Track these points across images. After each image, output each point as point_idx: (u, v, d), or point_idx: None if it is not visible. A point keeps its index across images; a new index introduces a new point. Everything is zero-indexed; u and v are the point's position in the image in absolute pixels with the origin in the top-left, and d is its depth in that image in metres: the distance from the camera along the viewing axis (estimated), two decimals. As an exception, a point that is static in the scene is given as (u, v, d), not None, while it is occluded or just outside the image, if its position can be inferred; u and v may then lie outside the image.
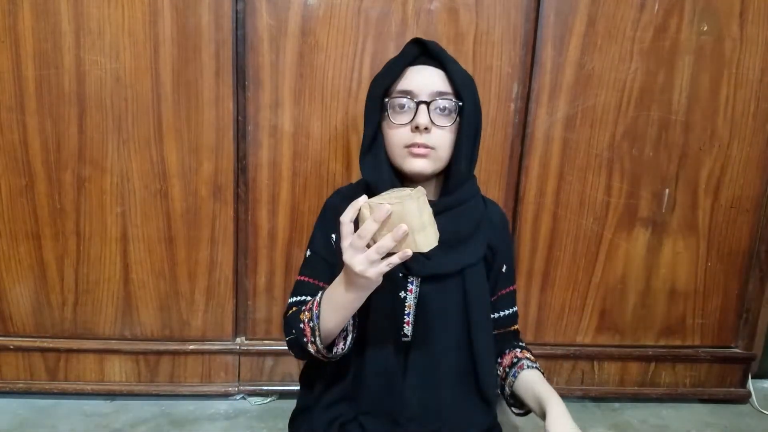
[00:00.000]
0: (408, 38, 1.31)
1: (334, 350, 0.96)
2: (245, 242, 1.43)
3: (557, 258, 1.48)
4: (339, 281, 0.90)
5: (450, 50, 1.32)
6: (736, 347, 1.60)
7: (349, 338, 0.96)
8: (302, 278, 1.05)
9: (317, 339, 0.92)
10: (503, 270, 1.06)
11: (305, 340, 0.94)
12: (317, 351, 0.94)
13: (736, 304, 1.56)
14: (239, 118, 1.36)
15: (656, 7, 1.36)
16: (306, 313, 0.94)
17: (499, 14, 1.34)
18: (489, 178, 1.43)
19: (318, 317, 0.92)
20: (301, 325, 0.94)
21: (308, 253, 1.07)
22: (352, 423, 1.03)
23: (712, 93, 1.42)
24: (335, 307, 0.90)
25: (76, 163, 1.34)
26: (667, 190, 1.47)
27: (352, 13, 1.31)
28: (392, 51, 1.33)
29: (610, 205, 1.46)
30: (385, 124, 0.98)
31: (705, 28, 1.38)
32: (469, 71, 1.00)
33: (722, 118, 1.43)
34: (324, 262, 1.04)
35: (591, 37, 1.36)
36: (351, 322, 0.96)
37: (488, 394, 1.04)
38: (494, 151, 1.41)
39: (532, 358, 1.07)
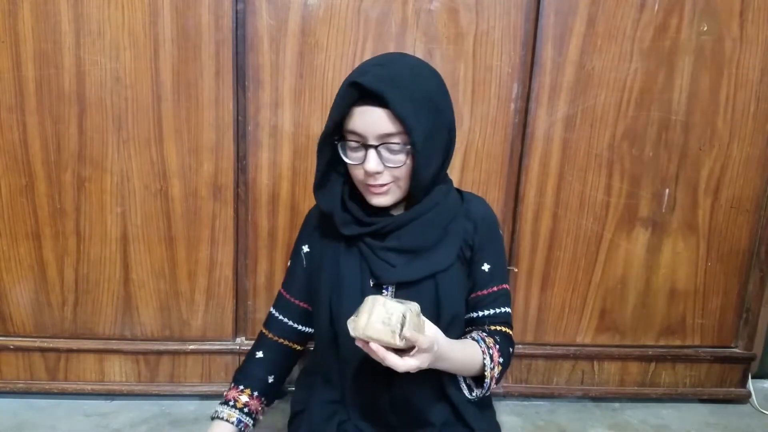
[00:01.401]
0: (408, 38, 1.33)
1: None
2: (245, 242, 1.43)
3: (557, 258, 1.48)
4: None
5: (450, 50, 1.33)
6: (736, 347, 1.60)
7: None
8: (282, 290, 1.13)
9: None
10: (484, 269, 1.03)
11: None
12: None
13: (736, 304, 1.56)
14: (239, 118, 1.36)
15: (656, 7, 1.36)
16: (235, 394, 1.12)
17: (499, 14, 1.34)
18: (489, 178, 1.43)
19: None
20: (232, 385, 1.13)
21: (289, 263, 1.14)
22: (349, 422, 1.03)
23: (712, 93, 1.41)
24: None
25: (76, 163, 1.34)
26: (667, 190, 1.47)
27: (352, 13, 1.31)
28: (392, 51, 1.32)
29: (610, 205, 1.46)
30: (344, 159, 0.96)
31: (705, 28, 1.38)
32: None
33: (722, 118, 1.43)
34: (295, 273, 1.11)
35: (591, 37, 1.36)
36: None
37: (453, 397, 1.02)
38: (494, 151, 1.41)
39: (489, 339, 0.99)
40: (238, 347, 1.48)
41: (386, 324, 0.79)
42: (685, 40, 1.38)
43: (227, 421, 1.08)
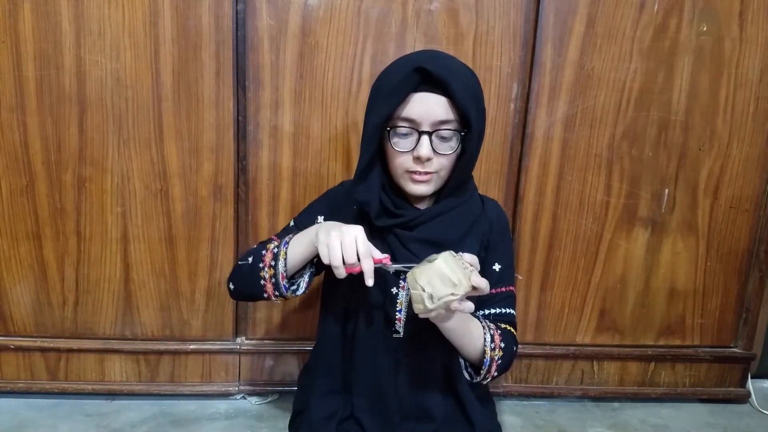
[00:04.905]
0: (408, 38, 1.33)
1: (291, 287, 0.97)
2: (245, 242, 1.43)
3: (557, 258, 1.49)
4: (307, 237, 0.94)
5: (450, 50, 1.33)
6: (735, 347, 1.60)
7: (303, 281, 0.98)
8: (273, 237, 1.08)
9: (278, 263, 0.94)
10: (495, 268, 1.05)
11: (261, 265, 0.95)
12: (273, 276, 0.94)
13: (736, 303, 1.56)
14: (239, 118, 1.36)
15: (656, 7, 1.36)
16: (273, 242, 0.98)
17: (499, 14, 1.34)
18: (489, 178, 1.43)
19: (287, 244, 0.95)
20: (264, 251, 0.96)
21: (291, 223, 1.11)
22: (349, 420, 1.03)
23: (711, 93, 1.42)
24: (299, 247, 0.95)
25: (77, 163, 1.35)
26: (666, 190, 1.47)
27: (352, 13, 1.32)
28: (392, 51, 1.33)
29: (609, 205, 1.46)
30: (386, 146, 0.98)
31: (704, 28, 1.38)
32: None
33: (722, 118, 1.43)
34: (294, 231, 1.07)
35: (591, 37, 1.36)
36: (308, 269, 0.99)
37: (459, 391, 1.03)
38: (494, 151, 1.42)
39: (491, 323, 1.02)
40: (238, 347, 1.48)
41: (448, 283, 0.85)
42: (684, 41, 1.38)
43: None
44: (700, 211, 1.49)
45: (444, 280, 0.85)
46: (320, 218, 1.08)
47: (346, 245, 0.86)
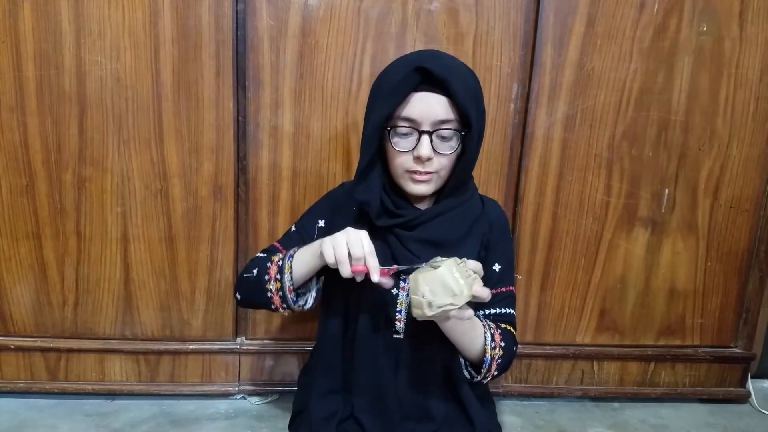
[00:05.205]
0: (408, 38, 1.33)
1: (298, 301, 0.99)
2: (245, 242, 1.43)
3: (557, 258, 1.49)
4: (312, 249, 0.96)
5: (450, 50, 1.34)
6: (735, 347, 1.60)
7: (310, 296, 1.00)
8: (276, 244, 1.09)
9: (284, 276, 0.95)
10: (495, 269, 1.06)
11: (267, 277, 0.97)
12: (279, 289, 0.96)
13: (736, 303, 1.56)
14: (239, 118, 1.36)
15: (656, 7, 1.36)
16: (278, 254, 1.00)
17: (499, 14, 1.34)
18: (489, 178, 1.43)
19: (291, 257, 0.96)
20: (268, 264, 0.98)
21: (292, 228, 1.11)
22: (349, 420, 1.04)
23: (711, 93, 1.42)
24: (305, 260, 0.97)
25: (77, 163, 1.35)
26: (666, 190, 1.47)
27: (352, 13, 1.32)
28: (392, 51, 1.33)
29: (609, 205, 1.46)
30: (387, 146, 0.98)
31: (704, 29, 1.38)
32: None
33: (722, 118, 1.43)
34: (300, 241, 1.07)
35: (591, 37, 1.36)
36: (315, 284, 1.01)
37: (458, 390, 1.03)
38: (494, 151, 1.42)
39: (491, 323, 1.02)
40: (238, 347, 1.48)
41: (449, 292, 0.86)
42: (684, 41, 1.38)
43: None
44: (700, 211, 1.49)
45: (445, 289, 0.85)
46: (321, 222, 1.08)
47: (352, 241, 0.88)
